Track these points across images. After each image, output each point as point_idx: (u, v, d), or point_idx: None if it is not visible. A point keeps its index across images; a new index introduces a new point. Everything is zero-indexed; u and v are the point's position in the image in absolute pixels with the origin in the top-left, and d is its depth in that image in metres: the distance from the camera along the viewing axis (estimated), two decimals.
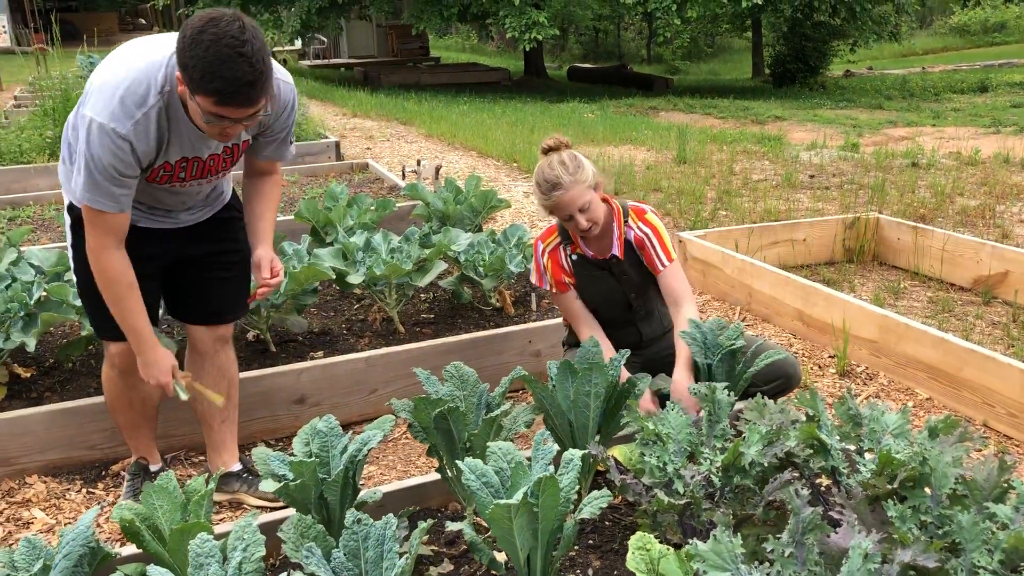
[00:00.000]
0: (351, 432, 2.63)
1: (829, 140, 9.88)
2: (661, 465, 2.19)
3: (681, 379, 2.71)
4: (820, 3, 15.75)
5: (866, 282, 4.99)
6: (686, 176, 7.74)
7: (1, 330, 3.21)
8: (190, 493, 2.17)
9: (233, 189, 2.81)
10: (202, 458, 3.20)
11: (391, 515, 1.91)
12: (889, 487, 2.05)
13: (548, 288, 2.99)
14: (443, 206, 4.51)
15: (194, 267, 2.67)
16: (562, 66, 26.67)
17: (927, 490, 2.07)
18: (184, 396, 2.52)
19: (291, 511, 2.25)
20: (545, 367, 2.74)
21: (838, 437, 2.31)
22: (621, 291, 2.92)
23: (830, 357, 3.95)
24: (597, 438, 2.51)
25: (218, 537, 2.10)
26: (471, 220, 4.58)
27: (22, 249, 3.77)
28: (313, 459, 2.19)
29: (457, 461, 2.01)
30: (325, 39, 22.85)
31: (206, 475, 2.25)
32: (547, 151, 2.84)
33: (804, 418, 2.37)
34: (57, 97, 7.10)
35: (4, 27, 24.16)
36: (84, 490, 3.03)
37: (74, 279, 2.60)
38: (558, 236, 2.96)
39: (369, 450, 2.22)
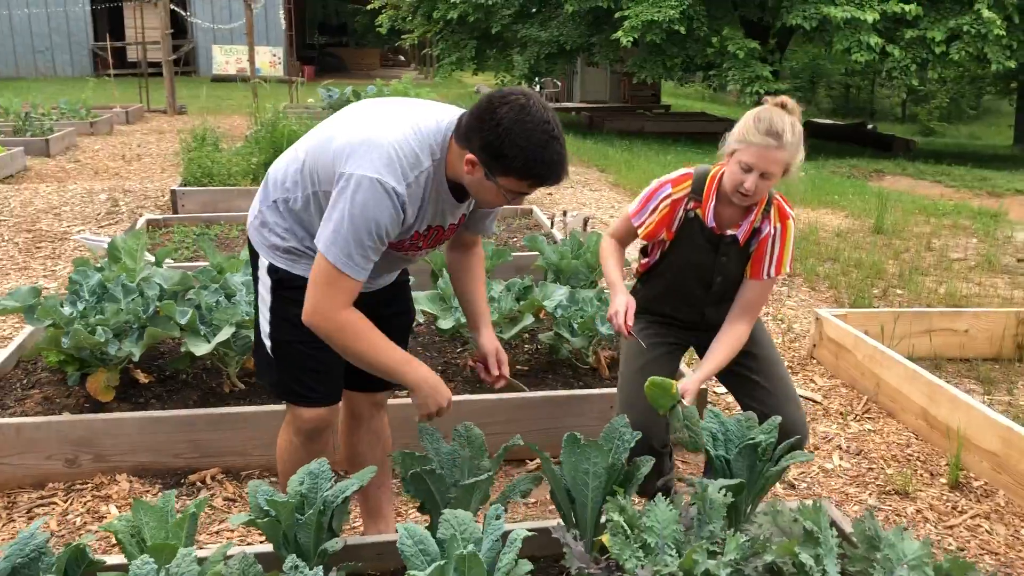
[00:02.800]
0: None
1: None
2: (624, 559, 2.07)
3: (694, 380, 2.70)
4: None
5: None
6: (876, 248, 7.24)
7: (119, 339, 3.56)
8: (184, 513, 2.31)
9: None
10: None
11: (319, 567, 1.94)
12: None
13: (638, 225, 2.81)
14: (557, 260, 4.51)
15: None
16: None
17: None
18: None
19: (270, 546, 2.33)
20: None
21: (839, 559, 2.08)
22: (713, 270, 2.77)
23: (947, 465, 3.55)
24: (603, 519, 2.42)
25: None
26: (585, 276, 4.54)
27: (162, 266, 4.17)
28: (295, 499, 2.27)
29: (398, 524, 2.01)
30: (559, 83, 23.46)
31: (203, 498, 2.38)
32: (781, 106, 2.61)
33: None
34: (267, 125, 7.81)
35: (278, 58, 26.68)
36: (160, 494, 3.29)
37: (266, 342, 2.49)
38: (690, 188, 2.75)
39: (346, 498, 2.26)
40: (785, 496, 3.36)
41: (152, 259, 4.37)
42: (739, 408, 2.91)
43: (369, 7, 23.16)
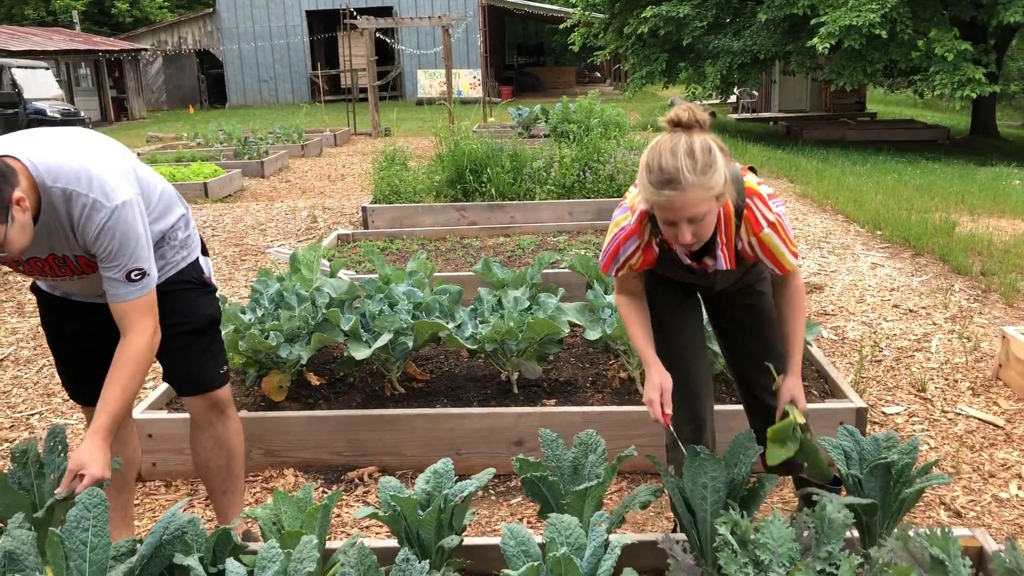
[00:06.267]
0: None
1: None
2: (731, 573, 2.03)
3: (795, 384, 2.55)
4: None
5: None
6: None
7: (291, 344, 3.84)
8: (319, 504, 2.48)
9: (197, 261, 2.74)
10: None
11: (426, 562, 2.03)
12: None
13: (616, 275, 2.58)
14: None
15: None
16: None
17: None
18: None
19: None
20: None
21: None
22: (709, 280, 2.59)
23: None
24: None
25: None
26: None
27: (337, 277, 4.45)
28: (419, 495, 2.38)
29: (503, 525, 2.07)
30: (755, 93, 22.84)
31: (336, 491, 2.54)
32: (676, 125, 2.20)
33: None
34: (451, 145, 8.12)
35: (477, 79, 27.59)
36: (321, 489, 3.52)
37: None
38: (650, 228, 2.43)
39: (465, 496, 2.35)
40: (949, 523, 3.14)
41: (329, 269, 4.68)
42: (885, 428, 2.77)
43: (563, 26, 23.54)
